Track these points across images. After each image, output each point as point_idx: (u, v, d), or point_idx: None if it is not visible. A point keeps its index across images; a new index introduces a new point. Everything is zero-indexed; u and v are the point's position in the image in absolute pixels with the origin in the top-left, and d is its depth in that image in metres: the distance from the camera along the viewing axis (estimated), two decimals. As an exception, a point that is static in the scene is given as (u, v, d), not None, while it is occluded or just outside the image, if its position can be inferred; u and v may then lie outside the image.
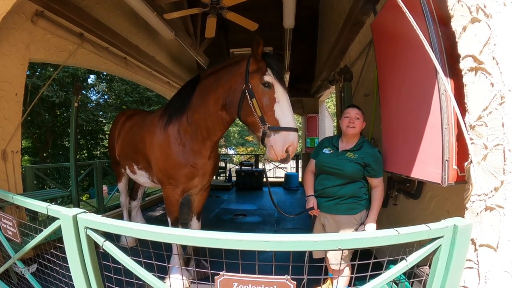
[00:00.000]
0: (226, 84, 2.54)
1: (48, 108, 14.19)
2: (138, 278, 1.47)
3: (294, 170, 11.89)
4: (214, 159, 3.10)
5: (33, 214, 2.62)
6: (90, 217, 1.53)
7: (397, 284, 2.07)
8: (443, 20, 1.73)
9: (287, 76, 8.34)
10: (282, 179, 10.21)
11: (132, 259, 1.46)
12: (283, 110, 2.25)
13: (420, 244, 1.32)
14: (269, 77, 2.30)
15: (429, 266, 1.37)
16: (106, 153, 16.74)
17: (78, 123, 5.01)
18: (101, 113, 16.76)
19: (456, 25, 1.45)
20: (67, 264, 1.67)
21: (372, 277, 1.33)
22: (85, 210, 1.60)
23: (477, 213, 1.37)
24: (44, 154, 15.09)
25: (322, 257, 2.52)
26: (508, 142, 1.24)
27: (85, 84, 15.31)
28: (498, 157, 1.29)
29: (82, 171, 6.34)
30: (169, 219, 3.12)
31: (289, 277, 1.24)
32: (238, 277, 1.27)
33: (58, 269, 1.96)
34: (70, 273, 1.67)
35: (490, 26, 1.29)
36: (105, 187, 9.87)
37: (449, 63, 1.73)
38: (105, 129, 17.72)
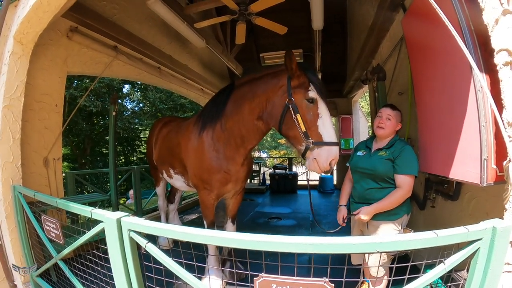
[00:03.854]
0: (263, 95, 2.59)
1: (86, 117, 14.85)
2: (178, 278, 1.54)
3: (328, 173, 11.68)
4: (247, 165, 3.16)
5: (74, 217, 2.77)
6: (133, 220, 1.62)
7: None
8: (475, 13, 1.66)
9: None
10: (317, 182, 10.07)
11: (174, 260, 1.53)
12: (326, 125, 2.33)
13: (459, 247, 1.27)
14: (313, 93, 2.36)
15: (467, 270, 1.32)
16: (143, 158, 17.40)
17: (115, 131, 5.26)
18: (137, 120, 17.38)
19: (487, 18, 1.39)
20: (107, 264, 1.76)
21: (409, 280, 1.30)
22: (128, 214, 1.69)
23: (517, 214, 1.30)
24: (83, 161, 15.81)
25: (360, 263, 2.45)
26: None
27: (120, 93, 15.93)
28: (539, 155, 1.22)
29: (120, 176, 6.64)
30: (205, 222, 3.21)
31: (327, 279, 1.25)
32: (277, 279, 1.29)
33: (99, 268, 2.05)
34: (109, 272, 1.76)
35: (522, 17, 1.23)
36: (130, 192, 10.07)
37: (484, 58, 1.66)
38: (141, 136, 18.38)
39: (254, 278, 1.32)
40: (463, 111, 1.87)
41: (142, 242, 1.59)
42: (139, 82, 15.56)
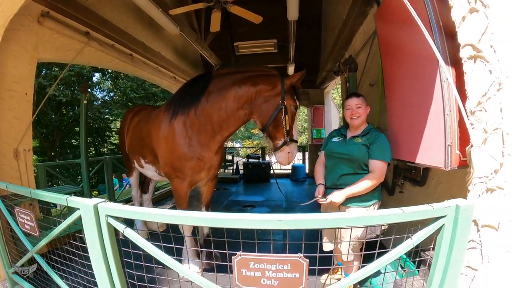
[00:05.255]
0: (253, 88, 2.80)
1: (55, 107, 14.32)
2: (157, 263, 1.56)
3: (301, 162, 11.94)
4: (220, 153, 3.21)
5: (46, 207, 2.63)
6: (110, 206, 1.61)
7: (404, 270, 2.15)
8: (444, 10, 1.77)
9: (291, 69, 8.36)
10: (289, 171, 10.25)
11: (153, 244, 1.54)
12: (296, 128, 2.95)
13: (424, 223, 1.39)
14: (298, 102, 2.87)
15: (433, 249, 1.44)
16: (114, 149, 16.96)
17: (86, 120, 5.11)
18: (107, 110, 16.88)
19: (455, 15, 1.50)
20: (85, 253, 1.74)
21: (380, 255, 1.40)
22: (104, 200, 1.67)
23: (479, 195, 1.43)
24: (52, 153, 15.22)
25: (331, 250, 2.52)
26: (506, 126, 1.31)
27: (90, 82, 15.39)
28: (497, 141, 1.35)
29: (92, 168, 6.47)
30: None
31: (302, 255, 1.32)
32: (254, 256, 1.35)
33: (77, 259, 2.01)
34: (88, 262, 1.74)
35: (487, 15, 1.34)
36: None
37: (451, 52, 1.78)
38: (112, 126, 17.86)
39: (233, 257, 1.37)
40: (429, 101, 1.99)
41: (120, 227, 1.59)
42: (109, 71, 15.07)
